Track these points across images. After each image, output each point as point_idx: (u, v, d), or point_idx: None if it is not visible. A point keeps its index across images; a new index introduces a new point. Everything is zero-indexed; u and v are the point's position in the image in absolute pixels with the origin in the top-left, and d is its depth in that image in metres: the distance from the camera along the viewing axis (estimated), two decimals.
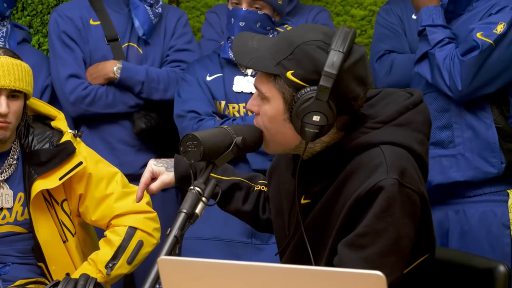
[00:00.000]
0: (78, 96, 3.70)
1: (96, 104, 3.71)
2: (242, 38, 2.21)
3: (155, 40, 3.85)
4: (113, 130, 3.78)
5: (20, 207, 3.01)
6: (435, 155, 3.32)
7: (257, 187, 2.54)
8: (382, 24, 3.74)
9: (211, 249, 3.46)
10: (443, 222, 3.40)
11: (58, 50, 3.75)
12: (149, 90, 3.73)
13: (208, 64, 3.61)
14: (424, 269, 2.20)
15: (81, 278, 2.42)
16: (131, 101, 3.75)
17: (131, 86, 3.72)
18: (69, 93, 3.70)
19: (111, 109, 3.74)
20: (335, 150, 2.15)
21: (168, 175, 2.44)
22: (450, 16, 3.40)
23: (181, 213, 2.04)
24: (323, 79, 2.03)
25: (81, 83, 3.71)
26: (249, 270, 1.58)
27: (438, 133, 3.33)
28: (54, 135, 3.06)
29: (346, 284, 1.49)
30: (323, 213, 2.16)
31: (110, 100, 3.73)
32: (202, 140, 2.07)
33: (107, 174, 3.07)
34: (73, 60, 3.74)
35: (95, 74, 3.73)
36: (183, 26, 3.93)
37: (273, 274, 1.56)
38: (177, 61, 3.84)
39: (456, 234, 3.37)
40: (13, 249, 3.00)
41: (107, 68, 3.72)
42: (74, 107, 3.71)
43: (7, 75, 2.94)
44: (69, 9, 3.83)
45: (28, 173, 2.99)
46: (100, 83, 3.72)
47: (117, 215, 3.03)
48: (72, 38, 3.75)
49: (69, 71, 3.72)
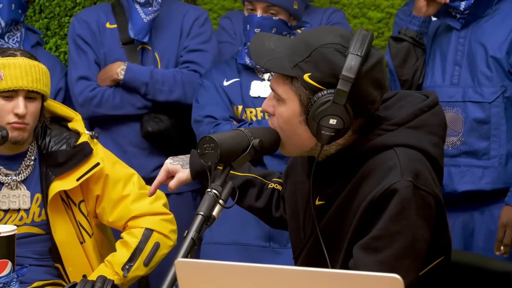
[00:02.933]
0: (86, 98, 3.73)
1: (103, 106, 3.73)
2: (259, 39, 2.21)
3: (170, 41, 3.85)
4: (124, 133, 3.80)
5: (37, 208, 3.02)
6: (467, 164, 3.31)
7: (271, 185, 2.54)
8: (400, 26, 3.72)
9: (229, 254, 3.46)
10: (467, 223, 3.39)
11: (72, 53, 3.79)
12: (153, 91, 3.73)
13: (225, 69, 3.61)
14: (440, 272, 2.19)
15: (98, 280, 2.42)
16: (139, 102, 3.76)
17: (135, 87, 3.73)
18: (78, 94, 3.74)
19: (119, 110, 3.75)
20: (349, 152, 2.15)
21: (184, 172, 2.45)
22: (471, 18, 3.38)
23: (198, 215, 2.04)
24: (341, 83, 2.02)
25: (89, 85, 3.74)
26: (265, 273, 1.58)
27: (475, 143, 3.32)
28: (71, 137, 3.06)
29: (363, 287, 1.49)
30: (338, 215, 2.16)
31: (118, 101, 3.74)
32: (219, 142, 2.07)
33: (124, 175, 3.08)
34: (85, 62, 3.77)
35: (103, 76, 3.76)
36: (200, 26, 3.91)
37: (289, 277, 1.56)
38: (188, 62, 3.83)
39: (482, 234, 3.36)
40: (30, 251, 3.01)
41: (112, 70, 3.74)
42: (83, 108, 3.72)
43: (24, 76, 2.95)
44: (87, 14, 3.86)
45: (45, 174, 3.00)
46: (107, 85, 3.75)
47: (133, 217, 3.03)
48: (86, 41, 3.78)
49: (79, 73, 3.75)
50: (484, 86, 3.32)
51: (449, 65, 3.40)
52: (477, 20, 3.39)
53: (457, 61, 3.39)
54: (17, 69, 2.95)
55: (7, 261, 2.61)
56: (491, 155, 3.31)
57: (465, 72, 3.35)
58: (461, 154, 3.33)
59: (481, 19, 3.39)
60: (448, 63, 3.41)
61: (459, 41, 3.40)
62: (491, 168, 3.31)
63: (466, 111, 3.32)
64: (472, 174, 3.33)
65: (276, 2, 3.45)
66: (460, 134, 3.32)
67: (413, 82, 3.49)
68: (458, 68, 3.38)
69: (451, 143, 3.34)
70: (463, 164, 3.32)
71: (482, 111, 3.32)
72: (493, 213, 3.35)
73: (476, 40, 3.36)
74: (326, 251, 2.15)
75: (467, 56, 3.36)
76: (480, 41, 3.35)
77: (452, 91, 3.37)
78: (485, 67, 3.32)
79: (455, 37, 3.42)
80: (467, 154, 3.33)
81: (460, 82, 3.36)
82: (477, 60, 3.34)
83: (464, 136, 3.32)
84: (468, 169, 3.33)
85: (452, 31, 3.44)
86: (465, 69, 3.36)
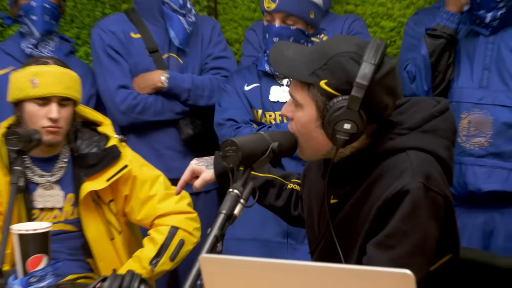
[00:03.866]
0: (129, 105, 3.72)
1: (146, 113, 3.73)
2: (279, 47, 2.22)
3: (193, 49, 3.86)
4: (160, 137, 3.80)
5: (70, 207, 3.04)
6: (493, 165, 3.29)
7: (290, 185, 2.55)
8: (411, 34, 3.71)
9: (249, 249, 3.48)
10: (487, 223, 3.37)
11: (105, 63, 3.77)
12: (195, 97, 3.75)
13: (246, 75, 3.62)
14: (449, 268, 2.19)
15: (127, 274, 2.43)
16: (178, 108, 3.77)
17: (178, 94, 3.74)
18: (120, 103, 3.72)
19: (160, 116, 3.76)
20: (364, 155, 2.16)
21: (208, 173, 2.47)
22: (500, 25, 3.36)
23: (221, 214, 2.05)
24: (355, 89, 2.03)
25: (130, 93, 3.73)
26: (283, 268, 1.59)
27: (503, 145, 3.30)
28: (101, 140, 3.08)
29: (376, 282, 1.50)
30: (352, 214, 2.17)
31: (159, 108, 3.74)
32: (240, 145, 2.08)
33: (150, 176, 3.09)
34: (121, 72, 3.76)
35: (142, 84, 3.75)
36: (218, 35, 3.94)
37: (306, 272, 1.57)
38: (216, 68, 3.86)
39: (501, 234, 3.34)
40: (64, 246, 3.03)
41: (154, 78, 3.74)
42: (125, 116, 3.73)
43: (57, 83, 2.97)
44: (110, 24, 3.85)
45: (77, 175, 3.02)
46: (147, 93, 3.74)
47: (160, 215, 3.05)
48: (117, 51, 3.78)
49: (117, 82, 3.74)
50: None
51: (477, 68, 3.37)
52: (506, 27, 3.37)
53: (486, 65, 3.36)
54: (50, 77, 2.97)
55: (42, 256, 2.64)
56: None
57: (495, 76, 3.33)
58: (488, 155, 3.31)
59: (510, 26, 3.37)
60: (476, 66, 3.38)
61: (487, 46, 3.37)
62: None
63: (495, 114, 3.30)
64: (497, 175, 3.30)
65: (293, 12, 3.44)
66: (489, 136, 3.30)
67: (445, 78, 3.46)
68: (487, 72, 3.36)
69: (479, 143, 3.32)
70: (489, 165, 3.30)
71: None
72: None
73: (506, 46, 3.33)
74: (339, 247, 2.15)
75: (496, 61, 3.34)
76: (509, 47, 3.32)
77: (481, 94, 3.34)
78: None
79: (483, 42, 3.38)
80: (494, 156, 3.30)
81: (489, 86, 3.34)
82: (507, 65, 3.31)
83: (492, 138, 3.30)
84: (494, 170, 3.31)
85: (479, 36, 3.41)
86: (494, 73, 3.34)
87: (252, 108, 3.55)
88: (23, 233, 2.64)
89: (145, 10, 3.83)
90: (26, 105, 2.99)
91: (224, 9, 4.38)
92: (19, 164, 2.82)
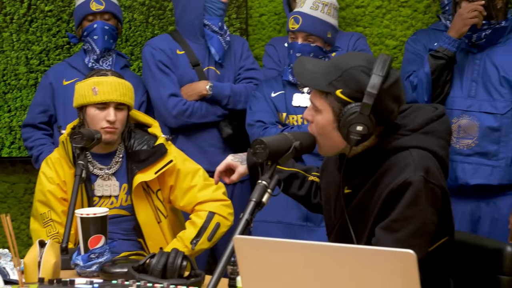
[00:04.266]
0: (180, 110, 3.71)
1: (193, 116, 3.73)
2: (301, 62, 2.21)
3: (228, 62, 3.86)
4: (204, 137, 3.79)
5: (124, 195, 3.04)
6: (478, 162, 3.28)
7: (310, 178, 2.53)
8: (410, 51, 3.70)
9: (274, 230, 3.47)
10: (474, 211, 3.35)
11: (157, 76, 3.76)
12: (234, 102, 3.75)
13: (273, 84, 3.62)
14: (445, 249, 2.17)
15: (172, 252, 2.42)
16: (219, 111, 3.77)
17: (219, 99, 3.74)
18: (172, 108, 3.71)
19: (205, 119, 3.75)
20: (373, 152, 2.14)
21: (242, 167, 2.45)
22: (486, 45, 3.33)
23: (251, 201, 2.06)
24: (366, 97, 2.03)
25: (180, 100, 3.73)
26: (304, 247, 1.58)
27: (487, 146, 3.28)
28: (151, 139, 3.08)
29: (383, 261, 1.48)
30: (363, 202, 2.15)
31: (204, 112, 3.74)
32: (267, 144, 2.08)
33: (192, 169, 3.08)
34: (171, 82, 3.76)
35: (190, 93, 3.75)
36: (247, 50, 3.95)
37: (324, 251, 1.56)
38: (248, 78, 3.86)
39: (487, 221, 3.32)
40: (119, 228, 3.03)
41: (200, 87, 3.73)
42: (176, 119, 3.72)
43: (114, 91, 2.97)
44: (159, 42, 3.84)
45: (131, 168, 3.02)
46: (194, 99, 3.74)
47: (199, 202, 3.03)
48: (166, 65, 3.78)
49: (169, 91, 3.74)
50: (497, 100, 3.29)
51: (466, 80, 3.36)
52: (491, 46, 3.35)
53: (474, 78, 3.35)
54: (108, 86, 2.97)
55: (101, 236, 2.64)
56: (500, 157, 3.28)
57: (481, 88, 3.32)
58: (474, 154, 3.30)
59: (495, 45, 3.35)
60: (465, 79, 3.37)
61: (475, 62, 3.37)
62: (499, 168, 3.27)
63: (481, 120, 3.29)
64: (482, 171, 3.29)
65: (314, 32, 3.45)
66: (475, 138, 3.29)
67: (443, 91, 3.43)
68: (474, 84, 3.34)
69: (467, 144, 3.30)
70: (476, 163, 3.28)
71: (495, 120, 3.28)
72: (497, 204, 3.32)
73: (490, 62, 3.32)
74: (352, 230, 2.14)
75: (482, 75, 3.33)
76: (494, 63, 3.31)
77: (469, 102, 3.32)
78: (498, 85, 3.29)
79: (471, 58, 3.38)
80: (479, 155, 3.29)
81: (476, 95, 3.32)
82: (491, 78, 3.30)
83: (478, 140, 3.28)
84: (479, 167, 3.29)
85: (469, 53, 3.40)
86: (480, 85, 3.33)
87: (278, 112, 3.55)
88: (85, 216, 2.64)
89: (187, 31, 3.83)
90: (88, 110, 2.99)
91: (253, 30, 4.37)
92: (82, 159, 2.82)
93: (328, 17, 3.50)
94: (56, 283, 2.23)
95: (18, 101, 4.27)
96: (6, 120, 4.29)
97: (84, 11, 3.79)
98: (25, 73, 4.26)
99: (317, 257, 1.55)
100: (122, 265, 2.51)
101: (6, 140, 4.31)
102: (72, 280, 2.24)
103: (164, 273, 2.38)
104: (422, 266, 1.54)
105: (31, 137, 3.86)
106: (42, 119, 3.87)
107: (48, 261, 2.40)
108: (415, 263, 1.43)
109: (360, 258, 1.51)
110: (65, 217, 2.89)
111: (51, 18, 4.27)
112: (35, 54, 4.27)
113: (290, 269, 1.59)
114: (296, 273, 1.58)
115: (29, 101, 4.17)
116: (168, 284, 2.25)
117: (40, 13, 4.26)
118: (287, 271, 1.59)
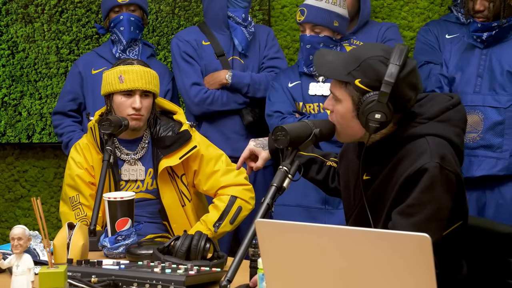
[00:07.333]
0: (201, 98, 3.73)
1: (215, 104, 3.74)
2: (321, 54, 2.21)
3: (252, 52, 3.86)
4: (227, 124, 3.80)
5: (150, 179, 3.05)
6: (483, 155, 3.26)
7: (328, 163, 2.53)
8: (422, 41, 3.68)
9: (294, 213, 3.47)
10: (480, 197, 3.34)
11: (182, 66, 3.78)
12: (253, 90, 3.75)
13: (290, 74, 3.62)
14: (459, 233, 2.17)
15: (195, 234, 2.44)
16: (240, 99, 3.77)
17: (239, 88, 3.74)
18: (194, 96, 3.73)
19: (226, 107, 3.76)
20: (391, 139, 2.14)
21: (265, 153, 2.46)
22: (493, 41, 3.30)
23: (272, 186, 2.07)
24: (384, 86, 2.02)
25: (202, 89, 3.74)
26: (323, 230, 1.58)
27: (492, 139, 3.25)
28: (176, 126, 3.08)
29: (399, 244, 1.48)
30: (381, 188, 2.15)
31: (225, 100, 3.75)
32: (289, 130, 2.09)
33: (215, 155, 3.08)
34: (194, 72, 3.77)
35: (211, 81, 3.76)
36: (272, 40, 3.94)
37: (343, 234, 1.56)
38: (271, 67, 3.85)
39: (492, 206, 3.31)
40: (145, 211, 3.04)
41: (220, 76, 3.75)
42: (198, 107, 3.74)
43: (140, 79, 2.98)
44: (186, 35, 3.86)
45: (156, 154, 3.03)
46: (216, 88, 3.75)
47: (222, 187, 3.04)
48: (191, 56, 3.79)
49: (191, 80, 3.75)
50: (501, 95, 3.26)
51: (472, 76, 3.34)
52: (497, 43, 3.32)
53: (479, 73, 3.32)
54: (134, 74, 2.98)
55: (127, 219, 2.66)
56: (504, 149, 3.25)
57: (486, 82, 3.29)
58: (480, 147, 3.28)
59: (501, 41, 3.32)
60: (471, 74, 3.35)
61: (481, 57, 3.33)
62: (503, 159, 3.25)
63: (485, 114, 3.27)
64: (487, 163, 3.28)
65: (319, 22, 3.44)
66: (480, 132, 3.27)
67: None
68: (480, 79, 3.32)
69: (472, 138, 3.29)
70: (481, 155, 3.27)
71: (499, 114, 3.25)
72: (501, 191, 3.29)
73: (495, 57, 3.29)
74: (370, 215, 2.14)
75: (488, 70, 3.30)
76: (499, 59, 3.28)
77: (474, 98, 3.30)
78: (502, 79, 3.26)
79: (478, 54, 3.34)
80: (484, 147, 3.27)
81: (481, 90, 3.30)
82: (495, 73, 3.28)
83: (482, 133, 3.27)
84: (484, 159, 3.28)
85: (475, 48, 3.36)
86: (485, 80, 3.29)
87: (295, 101, 3.56)
88: (112, 200, 2.66)
89: (213, 23, 3.84)
90: (115, 97, 3.01)
91: (275, 21, 4.36)
92: (109, 144, 2.84)
93: (333, 6, 3.47)
94: (84, 264, 2.25)
95: (49, 89, 4.31)
96: (37, 107, 4.32)
97: (110, 3, 3.81)
98: (55, 62, 4.29)
99: (336, 240, 1.56)
100: (148, 247, 2.53)
101: (37, 127, 4.34)
102: (100, 261, 2.26)
103: (188, 254, 2.39)
104: (437, 249, 1.54)
105: (61, 124, 3.89)
106: (71, 107, 3.89)
107: (77, 243, 2.42)
108: (430, 246, 1.43)
109: (377, 241, 1.51)
110: (93, 200, 2.92)
111: (81, 9, 4.29)
112: (65, 44, 4.29)
113: (308, 251, 1.59)
114: (314, 255, 1.59)
115: (59, 89, 4.20)
116: (192, 265, 2.26)
117: (70, 4, 4.28)
118: (306, 253, 1.60)
